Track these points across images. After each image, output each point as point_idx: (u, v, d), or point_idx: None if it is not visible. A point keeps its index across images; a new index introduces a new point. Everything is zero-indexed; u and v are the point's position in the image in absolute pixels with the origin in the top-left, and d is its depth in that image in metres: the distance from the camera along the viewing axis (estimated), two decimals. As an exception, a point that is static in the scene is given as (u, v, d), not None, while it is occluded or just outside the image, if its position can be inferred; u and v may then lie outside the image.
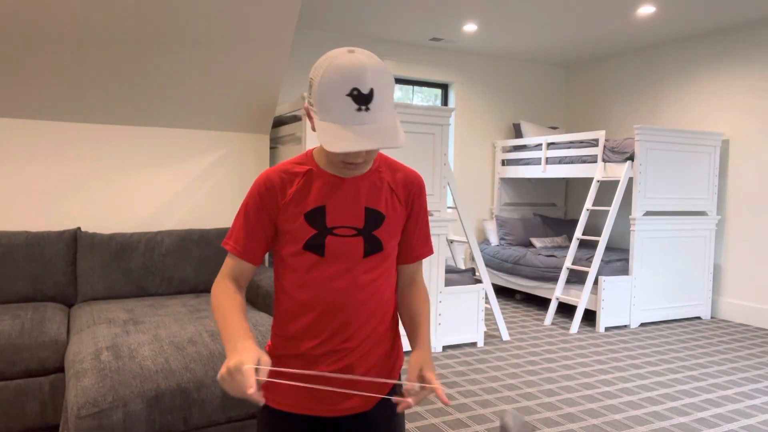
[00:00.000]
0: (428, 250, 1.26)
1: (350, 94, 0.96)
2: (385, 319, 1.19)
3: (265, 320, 2.54)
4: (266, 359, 0.98)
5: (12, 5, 2.70)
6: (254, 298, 3.15)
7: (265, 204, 1.13)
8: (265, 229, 1.14)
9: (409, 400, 1.04)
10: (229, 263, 1.16)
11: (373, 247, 1.14)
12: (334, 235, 1.11)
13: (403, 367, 3.22)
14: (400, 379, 1.25)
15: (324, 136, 0.97)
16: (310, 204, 1.12)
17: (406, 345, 3.75)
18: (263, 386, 1.18)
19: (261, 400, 0.93)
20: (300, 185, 1.13)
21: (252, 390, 0.91)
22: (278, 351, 1.18)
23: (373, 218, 1.14)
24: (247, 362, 0.93)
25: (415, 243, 1.23)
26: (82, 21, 2.86)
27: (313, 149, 1.18)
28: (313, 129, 1.01)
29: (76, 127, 3.33)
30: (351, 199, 1.13)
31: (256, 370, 0.94)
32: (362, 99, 0.97)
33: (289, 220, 1.12)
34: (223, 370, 0.94)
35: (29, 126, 3.22)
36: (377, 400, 1.18)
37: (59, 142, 3.29)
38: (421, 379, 1.09)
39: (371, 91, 0.97)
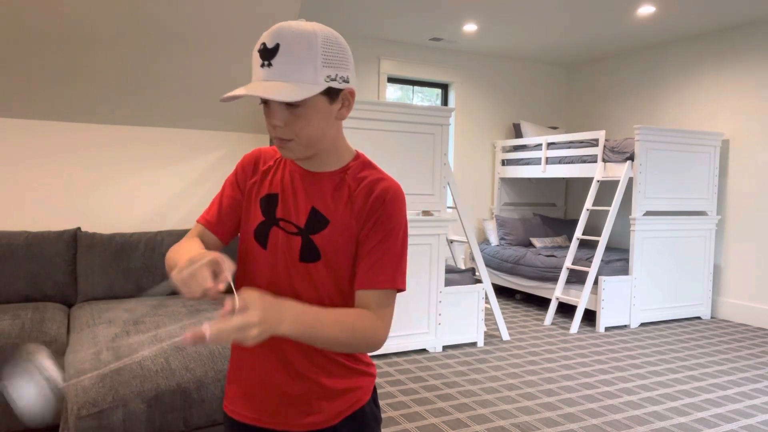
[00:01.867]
0: (382, 281, 0.98)
1: (258, 49, 0.92)
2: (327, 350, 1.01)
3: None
4: (230, 263, 0.86)
5: (13, 6, 2.70)
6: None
7: (238, 179, 1.10)
8: (236, 204, 1.09)
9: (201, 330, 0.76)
10: (196, 230, 1.10)
11: (310, 253, 1.00)
12: (279, 228, 1.03)
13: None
14: (371, 400, 1.10)
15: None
16: (267, 189, 1.06)
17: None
18: (225, 392, 1.11)
19: (218, 296, 0.82)
20: (268, 169, 1.08)
21: (209, 284, 0.80)
22: (235, 356, 1.10)
23: (316, 221, 1.01)
24: (203, 258, 0.83)
25: (371, 264, 0.99)
26: (82, 21, 2.86)
27: None
28: None
29: (77, 127, 3.33)
30: (302, 193, 1.04)
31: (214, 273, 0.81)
32: (266, 53, 0.91)
33: (250, 201, 1.07)
34: (183, 263, 0.84)
35: (29, 126, 3.22)
36: (341, 417, 1.05)
37: (59, 143, 3.29)
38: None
39: (276, 46, 0.90)
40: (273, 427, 1.05)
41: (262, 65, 0.91)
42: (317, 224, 1.01)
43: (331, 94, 0.95)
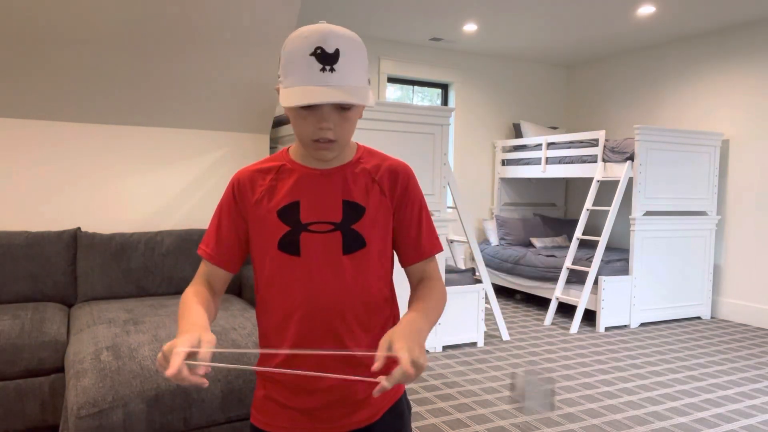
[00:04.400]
0: (433, 246, 1.10)
1: (314, 53, 0.90)
2: (377, 324, 1.06)
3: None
4: (209, 338, 0.87)
5: (13, 6, 2.70)
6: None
7: (237, 205, 1.07)
8: (238, 232, 1.07)
9: (382, 380, 0.83)
10: (202, 269, 1.10)
11: (354, 242, 1.03)
12: (310, 232, 1.02)
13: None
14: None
15: (286, 98, 0.92)
16: (283, 200, 1.04)
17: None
18: (253, 405, 1.12)
19: (202, 382, 0.84)
20: (271, 182, 1.06)
21: (172, 372, 0.81)
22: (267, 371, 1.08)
23: (352, 211, 1.04)
24: (180, 345, 0.84)
25: (416, 239, 1.09)
26: (82, 21, 2.86)
27: (289, 147, 1.11)
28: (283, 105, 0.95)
29: (77, 127, 3.33)
30: (327, 191, 1.04)
31: (191, 356, 0.84)
32: (327, 58, 0.90)
33: (261, 219, 1.05)
34: (159, 354, 0.86)
35: (29, 126, 3.22)
36: (383, 411, 1.08)
37: (59, 142, 3.28)
38: (389, 350, 0.88)
39: (337, 51, 0.90)
40: None
41: (323, 69, 0.91)
42: (355, 214, 1.04)
43: None
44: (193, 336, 0.87)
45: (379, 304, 1.07)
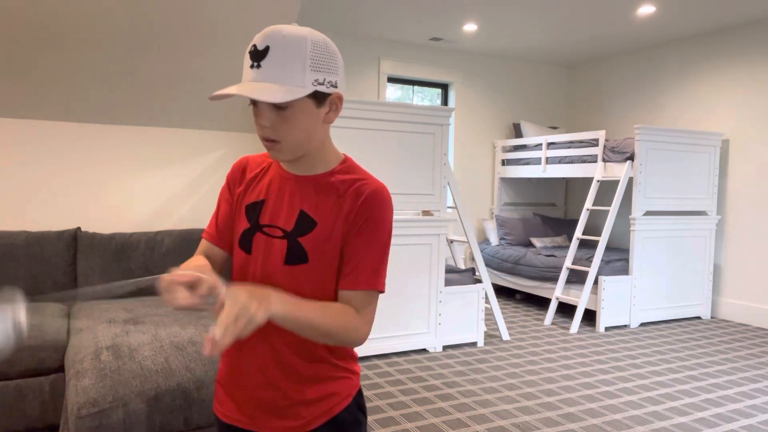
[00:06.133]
0: (368, 282, 1.00)
1: (249, 50, 0.94)
2: (312, 352, 1.03)
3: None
4: (210, 280, 0.87)
5: (12, 7, 2.70)
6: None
7: (230, 189, 1.12)
8: (233, 215, 1.11)
9: (212, 330, 0.80)
10: (202, 245, 1.14)
11: (296, 255, 1.01)
12: (263, 234, 1.04)
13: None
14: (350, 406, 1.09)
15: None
16: (253, 196, 1.08)
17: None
18: (215, 396, 1.14)
19: (194, 306, 0.85)
20: (254, 176, 1.10)
21: (181, 301, 0.83)
22: (223, 357, 1.12)
23: (304, 223, 1.02)
24: (181, 277, 0.86)
25: (354, 267, 1.01)
26: (82, 21, 2.86)
27: None
28: None
29: (77, 127, 3.33)
30: (291, 197, 1.04)
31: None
32: (256, 55, 0.93)
33: (238, 211, 1.09)
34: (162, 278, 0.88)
35: (29, 126, 3.22)
36: (316, 423, 1.05)
37: (59, 143, 3.29)
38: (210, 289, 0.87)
39: (266, 48, 0.92)
40: (251, 428, 1.07)
41: (252, 66, 0.93)
42: (305, 226, 1.02)
43: (318, 97, 0.96)
44: (191, 275, 0.87)
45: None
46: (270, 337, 1.03)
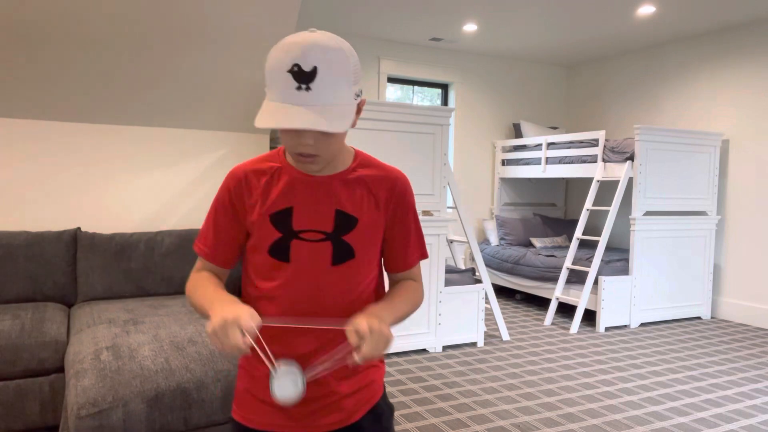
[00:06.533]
0: (421, 256, 1.15)
1: (291, 71, 0.87)
2: None
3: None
4: (257, 317, 0.93)
5: (13, 7, 2.70)
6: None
7: (233, 203, 1.05)
8: (234, 229, 1.06)
9: (354, 356, 0.91)
10: (200, 265, 1.10)
11: (343, 253, 1.02)
12: (300, 240, 1.02)
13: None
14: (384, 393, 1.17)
15: (261, 114, 0.89)
16: (277, 204, 1.02)
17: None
18: (234, 399, 1.12)
19: (247, 349, 0.89)
20: (266, 184, 1.04)
21: (240, 343, 0.87)
22: (248, 365, 1.10)
23: (344, 221, 1.03)
24: (243, 317, 0.88)
25: (404, 250, 1.12)
26: (82, 20, 2.86)
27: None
28: None
29: (76, 127, 3.33)
30: (321, 199, 1.03)
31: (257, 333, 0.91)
32: (303, 77, 0.87)
33: (256, 222, 1.03)
34: (216, 322, 0.88)
35: (29, 126, 3.22)
36: (360, 413, 1.08)
37: (59, 143, 3.29)
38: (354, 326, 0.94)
39: (314, 69, 0.87)
40: (293, 431, 1.06)
41: (299, 88, 0.88)
42: (346, 224, 1.03)
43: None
44: (248, 310, 0.92)
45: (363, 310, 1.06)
46: (310, 334, 1.04)
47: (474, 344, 4.03)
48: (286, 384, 0.92)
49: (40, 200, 3.25)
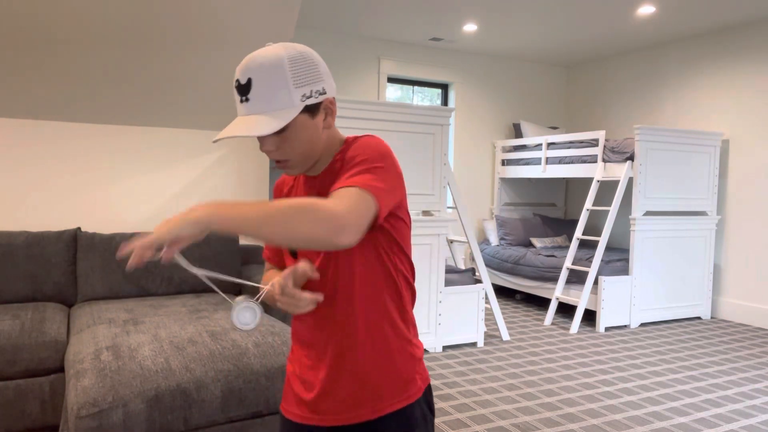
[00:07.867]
0: (351, 183, 0.94)
1: (235, 86, 0.98)
2: (372, 316, 1.05)
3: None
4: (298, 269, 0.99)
5: (13, 7, 2.70)
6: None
7: None
8: None
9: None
10: (267, 267, 1.25)
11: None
12: None
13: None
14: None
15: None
16: None
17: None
18: (283, 395, 1.19)
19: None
20: (289, 189, 1.16)
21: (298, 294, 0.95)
22: (289, 363, 1.20)
23: None
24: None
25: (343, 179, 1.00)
26: (82, 20, 2.86)
27: None
28: None
29: (77, 127, 3.33)
30: (317, 196, 1.09)
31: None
32: (240, 89, 0.97)
33: None
34: (277, 288, 0.94)
35: (29, 126, 3.22)
36: (386, 411, 1.06)
37: (59, 143, 3.29)
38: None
39: (248, 81, 0.96)
40: (318, 423, 1.08)
41: (241, 101, 0.97)
42: None
43: (311, 110, 1.00)
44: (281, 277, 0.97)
45: (368, 290, 1.05)
46: (339, 325, 1.06)
47: (474, 344, 4.03)
48: (244, 313, 1.00)
49: (41, 200, 3.25)
